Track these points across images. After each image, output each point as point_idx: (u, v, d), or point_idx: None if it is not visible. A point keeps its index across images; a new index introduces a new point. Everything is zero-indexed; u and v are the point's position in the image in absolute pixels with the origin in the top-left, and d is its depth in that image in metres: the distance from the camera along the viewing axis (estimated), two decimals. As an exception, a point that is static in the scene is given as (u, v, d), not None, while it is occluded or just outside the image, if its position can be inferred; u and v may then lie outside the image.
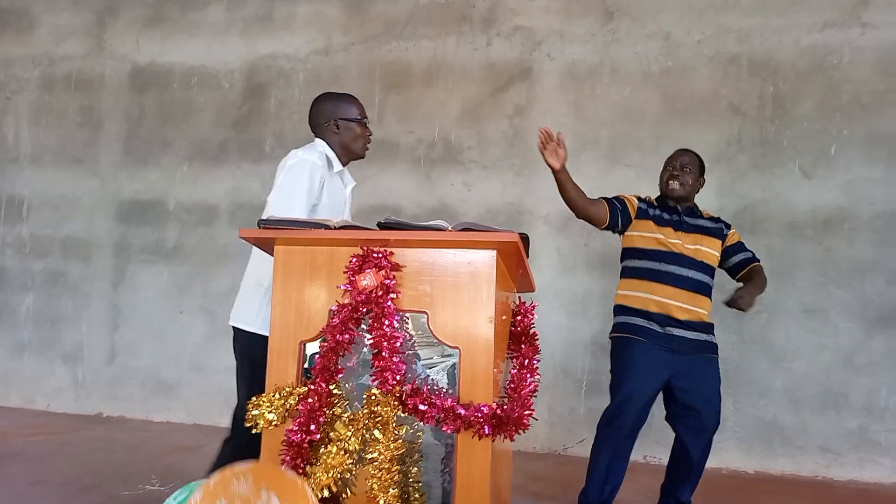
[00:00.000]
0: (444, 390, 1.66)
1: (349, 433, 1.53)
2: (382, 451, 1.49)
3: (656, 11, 4.24)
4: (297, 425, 1.57)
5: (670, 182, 2.84)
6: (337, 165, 2.39)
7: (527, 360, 1.75)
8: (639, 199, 2.90)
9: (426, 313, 1.67)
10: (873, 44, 3.96)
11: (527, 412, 1.59)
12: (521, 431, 1.58)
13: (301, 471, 1.58)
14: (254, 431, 1.73)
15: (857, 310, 3.90)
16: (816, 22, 4.03)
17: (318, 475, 1.52)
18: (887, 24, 3.95)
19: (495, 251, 1.67)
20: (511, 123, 4.44)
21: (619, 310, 2.86)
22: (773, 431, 3.96)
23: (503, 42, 4.47)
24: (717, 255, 2.84)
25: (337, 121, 2.40)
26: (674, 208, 2.86)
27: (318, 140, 2.43)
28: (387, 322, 1.59)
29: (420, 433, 1.65)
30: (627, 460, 2.79)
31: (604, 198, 2.86)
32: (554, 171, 2.67)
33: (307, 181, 2.22)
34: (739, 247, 2.91)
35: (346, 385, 1.70)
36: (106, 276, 4.96)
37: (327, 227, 1.73)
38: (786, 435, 3.94)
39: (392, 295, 1.64)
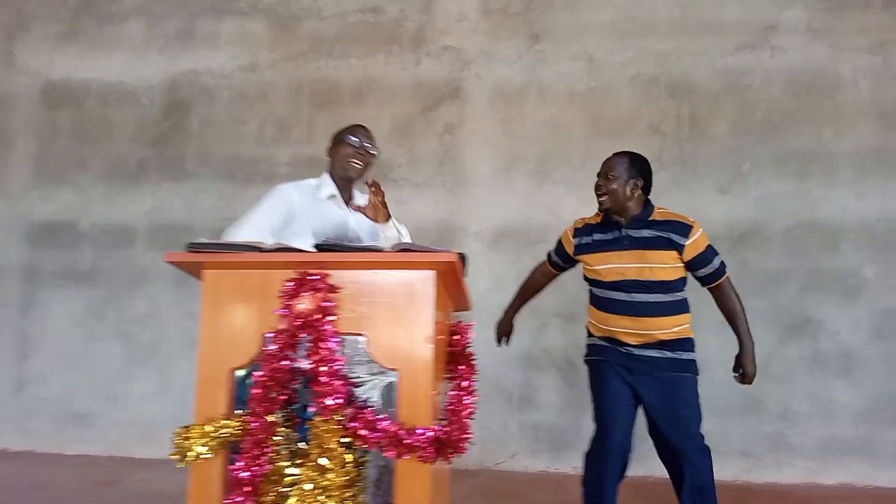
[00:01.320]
0: (378, 410, 1.62)
1: (309, 471, 1.47)
2: (332, 478, 1.45)
3: (579, 34, 4.38)
4: (245, 461, 1.50)
5: (597, 197, 2.61)
6: (328, 190, 2.41)
7: (465, 382, 1.75)
8: (576, 230, 2.73)
9: (364, 335, 1.65)
10: (782, 66, 4.21)
11: (465, 436, 1.58)
12: (458, 455, 1.57)
13: None
14: (179, 465, 1.65)
15: (772, 318, 4.10)
16: (729, 45, 4.25)
17: None
18: (794, 47, 4.21)
19: (434, 271, 1.67)
20: (442, 141, 4.46)
21: (587, 332, 2.76)
22: (698, 439, 4.09)
23: (432, 61, 4.50)
24: (671, 266, 2.54)
25: (334, 145, 2.49)
26: (615, 223, 2.60)
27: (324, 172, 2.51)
28: (325, 346, 1.55)
29: (367, 457, 1.61)
30: (619, 477, 2.59)
31: (548, 253, 2.92)
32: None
33: (267, 206, 2.30)
34: (700, 260, 2.57)
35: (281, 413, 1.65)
36: (12, 302, 4.66)
37: (260, 250, 1.68)
38: (709, 442, 4.07)
39: (330, 317, 1.60)
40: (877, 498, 2.53)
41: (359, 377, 1.68)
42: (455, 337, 1.95)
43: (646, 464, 4.08)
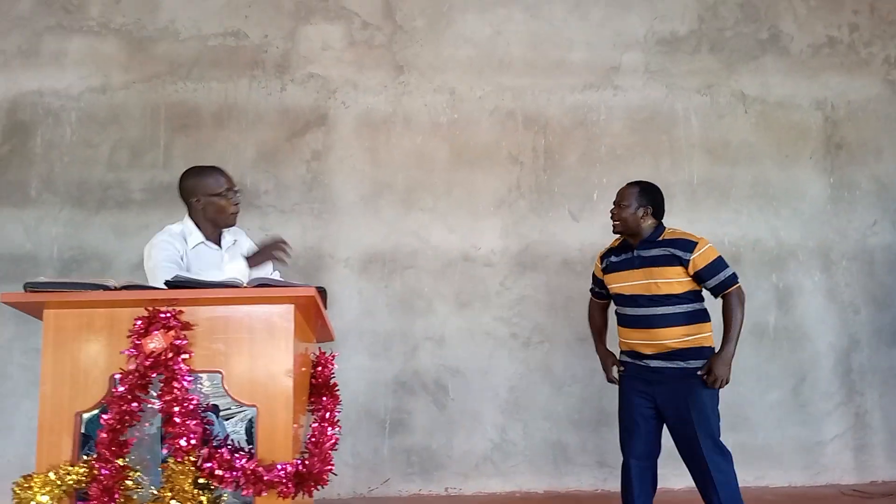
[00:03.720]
0: (244, 447, 1.61)
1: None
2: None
3: (441, 68, 4.55)
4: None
5: (613, 223, 3.00)
6: (196, 238, 2.39)
7: (328, 413, 1.77)
8: (601, 257, 3.13)
9: (220, 372, 1.63)
10: (623, 104, 4.59)
11: (327, 468, 1.60)
12: (320, 487, 1.59)
13: None
14: (22, 519, 1.55)
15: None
16: (577, 83, 4.59)
17: None
18: (633, 87, 4.61)
19: (293, 305, 1.68)
20: (309, 168, 4.46)
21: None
22: (557, 452, 4.31)
23: (297, 88, 4.50)
24: (678, 280, 2.85)
25: (200, 197, 2.45)
26: (629, 245, 2.97)
27: (185, 217, 2.47)
28: (178, 385, 1.52)
29: (225, 496, 1.58)
30: (649, 485, 2.88)
31: (590, 289, 3.28)
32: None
33: (168, 249, 2.26)
34: (706, 272, 2.85)
35: (132, 456, 1.59)
36: None
37: (106, 288, 1.62)
38: (568, 454, 4.31)
39: (183, 355, 1.57)
40: (691, 500, 2.90)
41: (227, 409, 1.65)
42: (318, 368, 1.97)
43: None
